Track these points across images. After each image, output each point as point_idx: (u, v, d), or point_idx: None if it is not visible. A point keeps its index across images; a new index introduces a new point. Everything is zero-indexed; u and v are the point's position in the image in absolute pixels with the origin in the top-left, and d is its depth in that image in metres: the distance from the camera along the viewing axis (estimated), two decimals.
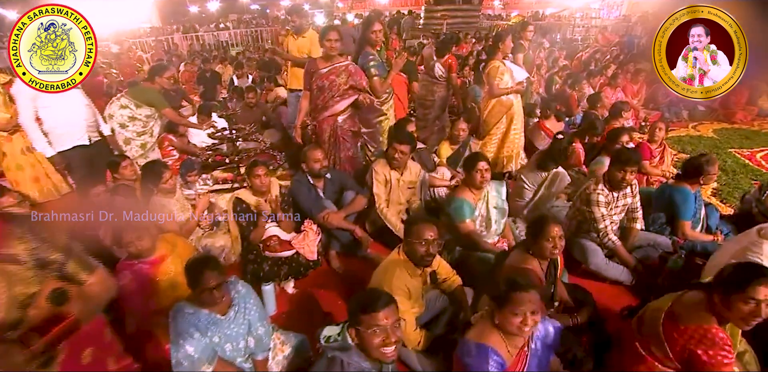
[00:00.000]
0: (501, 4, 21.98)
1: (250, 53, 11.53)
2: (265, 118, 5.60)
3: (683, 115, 6.19)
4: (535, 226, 1.96)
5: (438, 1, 11.28)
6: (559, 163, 3.04)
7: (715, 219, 2.82)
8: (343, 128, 3.19)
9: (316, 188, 2.91)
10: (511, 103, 3.82)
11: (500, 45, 3.72)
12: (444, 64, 4.32)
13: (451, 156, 3.66)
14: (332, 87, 3.03)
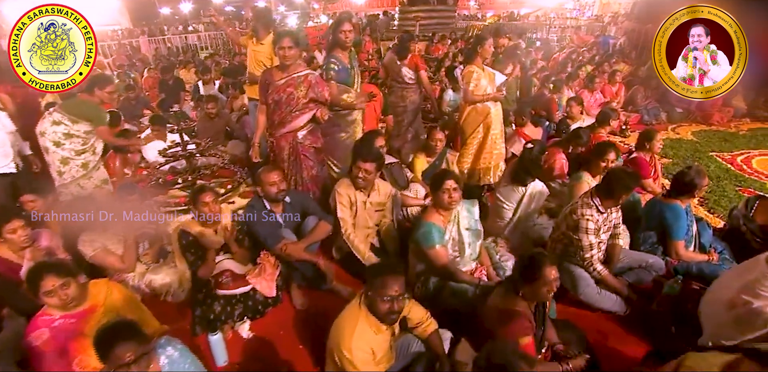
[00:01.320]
0: (476, 4, 22.00)
1: (219, 57, 11.03)
2: (229, 129, 5.23)
3: (662, 117, 6.09)
4: (528, 269, 1.69)
5: (412, 2, 11.03)
6: (534, 175, 2.79)
7: (708, 236, 2.63)
8: (304, 145, 2.86)
9: (274, 214, 2.58)
10: (487, 111, 3.56)
11: (479, 49, 3.46)
12: (410, 65, 4.03)
13: (426, 170, 3.38)
14: (290, 100, 2.70)
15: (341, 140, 3.19)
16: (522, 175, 2.77)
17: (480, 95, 3.50)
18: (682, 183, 2.48)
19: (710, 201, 3.71)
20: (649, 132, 3.31)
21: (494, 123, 3.60)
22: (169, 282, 2.58)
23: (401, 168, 3.20)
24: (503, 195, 2.90)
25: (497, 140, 3.67)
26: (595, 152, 2.88)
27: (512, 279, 1.79)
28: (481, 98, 3.50)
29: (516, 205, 2.85)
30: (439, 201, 2.28)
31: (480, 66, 3.52)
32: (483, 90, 3.52)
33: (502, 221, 2.93)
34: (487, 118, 3.57)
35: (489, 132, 3.60)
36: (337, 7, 25.67)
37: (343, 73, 2.98)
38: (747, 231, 2.60)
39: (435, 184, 2.29)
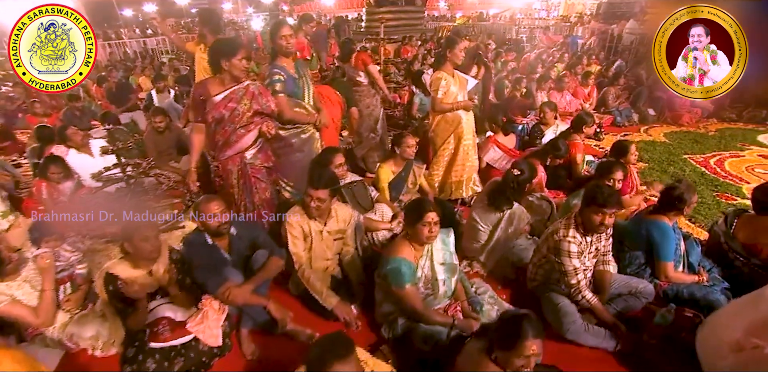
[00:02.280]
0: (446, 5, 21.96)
1: (179, 62, 10.44)
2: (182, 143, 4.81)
3: (634, 119, 6.02)
4: (507, 337, 1.43)
5: (379, 3, 10.76)
6: (514, 202, 2.56)
7: (697, 255, 2.44)
8: (255, 166, 2.52)
9: (218, 250, 2.24)
10: (458, 120, 3.30)
11: (449, 53, 3.18)
12: (356, 63, 3.74)
13: (392, 181, 3.08)
14: (234, 117, 2.35)
15: (297, 160, 2.85)
16: (501, 201, 2.52)
17: (449, 103, 3.24)
18: (670, 198, 2.29)
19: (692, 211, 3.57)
20: (622, 145, 3.12)
21: (466, 133, 3.35)
22: (96, 334, 2.21)
23: (365, 187, 2.90)
24: (479, 216, 2.64)
25: (470, 152, 3.42)
26: (600, 171, 2.64)
27: (489, 337, 1.51)
28: (451, 107, 3.24)
29: (492, 227, 2.60)
30: (417, 235, 2.00)
31: (450, 72, 3.26)
32: (453, 97, 3.27)
33: (478, 243, 2.68)
34: (459, 128, 3.32)
35: (461, 143, 3.35)
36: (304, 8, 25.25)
37: (290, 84, 2.66)
38: (729, 250, 2.43)
39: (413, 215, 1.99)
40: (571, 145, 3.60)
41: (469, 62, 4.77)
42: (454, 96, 3.25)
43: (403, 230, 2.14)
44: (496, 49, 10.52)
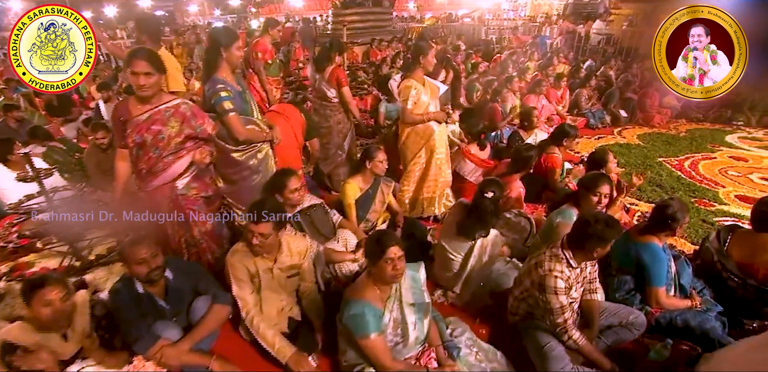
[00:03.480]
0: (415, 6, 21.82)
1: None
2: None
3: (607, 121, 5.94)
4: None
5: (346, 5, 10.41)
6: (488, 230, 2.30)
7: (688, 276, 2.25)
8: (189, 197, 2.16)
9: (152, 299, 1.89)
10: (430, 133, 3.03)
11: (421, 59, 2.89)
12: (330, 80, 3.39)
13: (359, 199, 2.78)
14: (158, 142, 1.99)
15: (256, 183, 2.51)
16: (473, 229, 2.26)
17: (420, 114, 2.96)
18: (662, 218, 2.08)
19: None
20: (600, 155, 2.91)
21: (438, 146, 3.07)
22: None
23: (325, 211, 2.59)
24: (448, 244, 2.38)
25: (442, 166, 3.14)
26: (584, 184, 2.40)
27: None
28: (422, 118, 2.96)
29: (465, 256, 2.34)
30: (380, 274, 1.71)
31: (420, 79, 2.97)
32: (424, 107, 2.99)
33: (450, 272, 2.41)
34: (430, 141, 3.04)
35: (433, 157, 3.07)
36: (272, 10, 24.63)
37: (238, 99, 2.32)
38: (722, 269, 2.25)
39: (374, 251, 1.71)
40: (548, 159, 3.39)
41: (437, 67, 4.54)
42: (426, 106, 2.97)
43: (366, 268, 1.84)
44: (465, 50, 10.43)
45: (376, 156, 2.68)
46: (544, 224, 2.56)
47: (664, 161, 4.65)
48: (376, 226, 2.94)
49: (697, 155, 4.84)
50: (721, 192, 3.89)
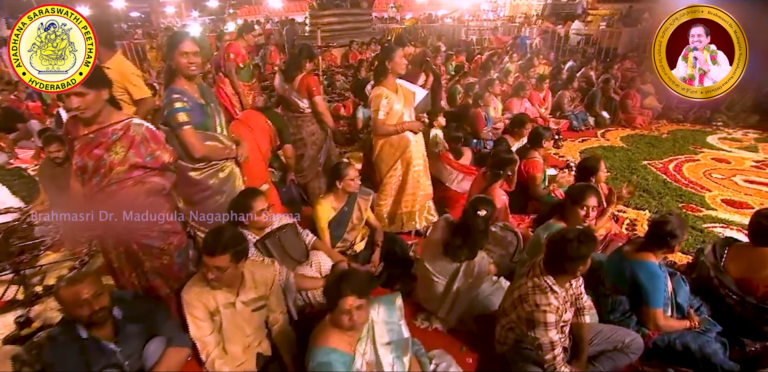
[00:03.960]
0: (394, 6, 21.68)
1: None
2: None
3: (590, 123, 5.87)
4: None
5: (323, 6, 10.19)
6: (476, 252, 2.13)
7: (685, 294, 2.12)
8: (137, 231, 1.89)
9: (98, 344, 1.65)
10: (406, 144, 2.85)
11: (388, 63, 2.71)
12: (300, 90, 3.15)
13: (333, 219, 2.58)
14: (99, 168, 1.75)
15: (218, 205, 2.27)
16: (460, 251, 2.08)
17: (393, 125, 2.77)
18: (660, 234, 1.94)
19: None
20: (591, 163, 2.76)
21: (415, 158, 2.89)
22: None
23: (296, 232, 2.37)
24: (431, 265, 2.19)
25: (421, 178, 2.96)
26: (570, 196, 2.25)
27: None
28: (396, 129, 2.77)
29: (449, 279, 2.16)
30: (337, 322, 1.52)
31: (392, 86, 2.79)
32: (398, 117, 2.80)
33: (434, 295, 2.23)
34: (406, 153, 2.85)
35: (410, 169, 2.88)
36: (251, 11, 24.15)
37: (197, 112, 2.09)
38: (720, 285, 2.12)
39: (331, 295, 1.52)
40: (529, 164, 3.24)
41: (416, 70, 4.36)
42: (399, 115, 2.78)
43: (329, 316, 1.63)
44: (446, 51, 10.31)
45: (347, 174, 2.47)
46: (531, 240, 2.40)
47: (649, 164, 4.58)
48: (354, 244, 2.74)
49: (681, 157, 4.79)
50: (708, 196, 3.82)
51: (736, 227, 3.30)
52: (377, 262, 2.64)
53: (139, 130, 1.80)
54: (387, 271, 2.65)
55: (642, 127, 5.92)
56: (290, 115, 3.32)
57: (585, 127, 5.82)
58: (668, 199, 3.72)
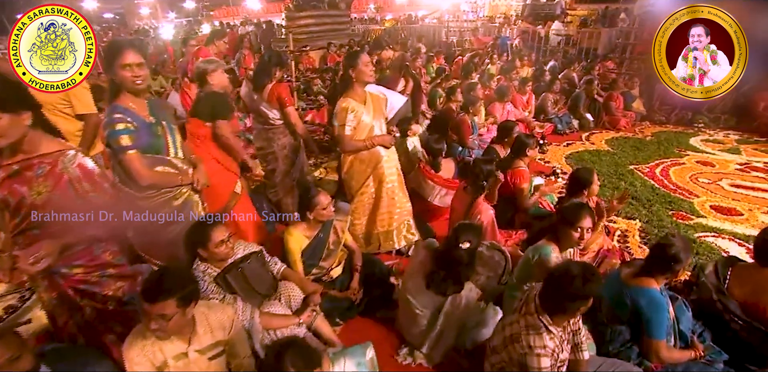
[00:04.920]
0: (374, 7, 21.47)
1: None
2: None
3: (574, 125, 5.76)
4: None
5: (300, 7, 9.91)
6: (463, 286, 1.93)
7: (688, 321, 1.96)
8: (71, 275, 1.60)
9: None
10: (377, 159, 2.61)
11: (351, 72, 2.48)
12: (270, 98, 2.90)
13: (307, 248, 2.34)
14: (20, 208, 1.46)
15: (173, 236, 2.00)
16: (445, 285, 1.88)
17: (362, 141, 2.52)
18: (663, 258, 1.77)
19: (651, 235, 3.20)
20: (584, 176, 2.58)
21: (388, 174, 2.65)
22: None
23: (263, 262, 2.13)
24: (413, 297, 1.98)
25: (396, 196, 2.72)
26: (563, 217, 2.06)
27: None
28: (365, 144, 2.53)
29: (434, 311, 1.95)
30: None
31: (359, 97, 2.54)
32: (367, 130, 2.55)
33: (417, 328, 2.02)
34: (378, 169, 2.61)
35: (383, 186, 2.65)
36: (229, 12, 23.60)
37: (144, 133, 1.82)
38: (723, 310, 1.97)
39: None
40: (515, 174, 3.07)
41: (395, 75, 4.15)
42: (369, 127, 2.54)
43: None
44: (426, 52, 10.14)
45: (317, 203, 2.24)
46: (521, 261, 2.21)
47: (636, 169, 4.48)
48: (331, 270, 2.51)
49: (667, 161, 4.71)
50: (696, 202, 3.72)
51: (727, 236, 3.19)
52: (356, 288, 2.42)
53: (69, 167, 1.49)
54: (366, 297, 2.43)
55: (626, 129, 5.85)
56: (259, 128, 3.07)
57: (569, 130, 5.71)
58: (658, 207, 3.60)
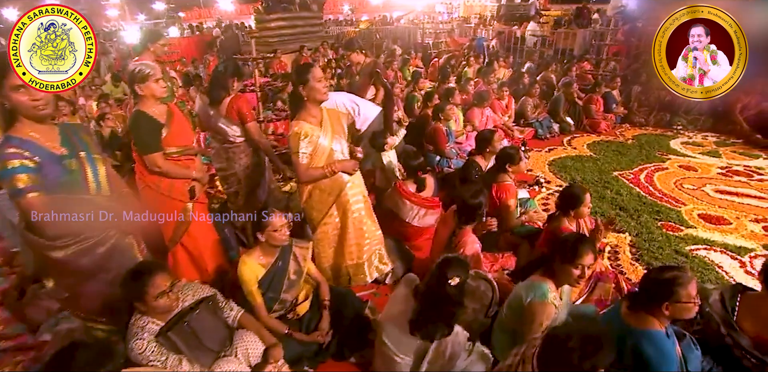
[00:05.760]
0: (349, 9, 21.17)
1: None
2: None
3: (555, 130, 5.62)
4: None
5: (270, 9, 9.52)
6: (452, 329, 1.69)
7: (697, 359, 1.76)
8: None
9: None
10: (340, 186, 2.29)
11: (303, 90, 2.12)
12: (229, 113, 2.60)
13: (264, 278, 2.07)
14: None
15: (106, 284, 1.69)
16: (433, 329, 1.63)
17: (321, 168, 2.20)
18: (659, 292, 1.57)
19: (642, 250, 3.04)
20: (576, 194, 2.37)
21: (354, 202, 2.35)
22: None
23: (216, 309, 1.83)
24: (391, 341, 1.73)
25: (365, 225, 2.43)
26: (562, 255, 1.80)
27: None
28: (324, 173, 2.21)
29: (416, 358, 1.70)
30: None
31: (313, 118, 2.18)
32: (326, 154, 2.22)
33: None
34: (341, 197, 2.31)
35: (348, 215, 2.35)
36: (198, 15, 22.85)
37: (50, 169, 1.50)
38: (734, 345, 1.79)
39: None
40: (500, 189, 2.86)
41: (365, 81, 3.88)
42: (327, 151, 2.21)
43: None
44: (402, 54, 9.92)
45: (269, 224, 1.97)
46: (512, 299, 1.98)
47: (620, 175, 4.34)
48: (296, 305, 2.23)
49: (650, 166, 4.59)
50: (684, 211, 3.59)
51: (719, 248, 3.06)
52: (326, 329, 2.15)
53: None
54: (337, 338, 2.16)
55: (607, 132, 5.75)
56: (218, 147, 2.76)
57: (550, 135, 5.56)
58: (646, 218, 3.45)
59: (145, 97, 2.14)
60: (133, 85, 2.11)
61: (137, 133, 2.18)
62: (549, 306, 1.74)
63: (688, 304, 1.56)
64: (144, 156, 2.19)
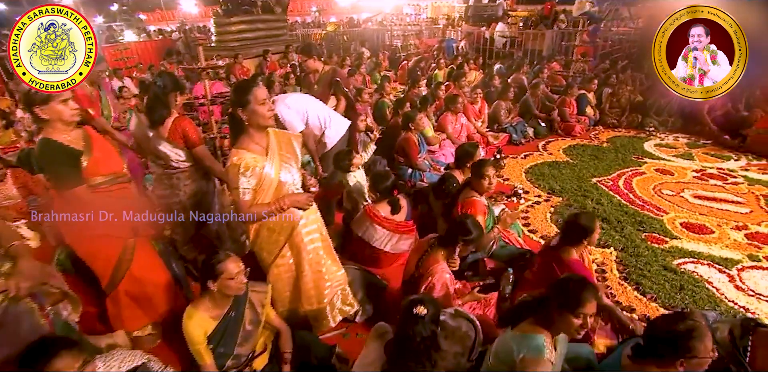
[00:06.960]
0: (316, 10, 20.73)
1: None
2: None
3: (530, 134, 5.47)
4: None
5: (229, 12, 9.03)
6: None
7: None
8: None
9: None
10: (291, 224, 1.94)
11: (242, 113, 1.77)
12: (173, 135, 2.25)
13: (215, 332, 1.77)
14: None
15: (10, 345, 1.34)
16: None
17: (268, 205, 1.83)
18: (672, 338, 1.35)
19: (629, 267, 2.86)
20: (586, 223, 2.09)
21: (308, 240, 2.02)
22: None
23: None
24: None
25: (323, 266, 2.09)
26: (562, 299, 1.55)
27: None
28: (271, 210, 1.83)
29: None
30: None
31: (255, 146, 1.83)
32: (272, 188, 1.85)
33: None
34: (294, 236, 1.96)
35: (303, 256, 2.01)
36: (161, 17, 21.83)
37: None
38: None
39: None
40: (466, 205, 2.60)
41: (325, 91, 3.58)
42: (274, 184, 1.85)
43: None
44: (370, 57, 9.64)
45: (224, 270, 1.68)
46: (499, 346, 1.72)
47: (599, 182, 4.20)
48: (252, 359, 1.92)
49: (627, 171, 4.49)
50: (666, 219, 3.46)
51: (706, 261, 2.92)
52: None
53: None
54: None
55: (581, 135, 5.64)
56: (159, 172, 2.40)
57: (525, 140, 5.40)
58: (630, 230, 3.29)
59: (52, 122, 1.77)
60: (31, 108, 1.74)
61: (49, 167, 1.83)
62: (545, 363, 1.49)
63: (706, 359, 1.35)
64: (63, 192, 1.83)
